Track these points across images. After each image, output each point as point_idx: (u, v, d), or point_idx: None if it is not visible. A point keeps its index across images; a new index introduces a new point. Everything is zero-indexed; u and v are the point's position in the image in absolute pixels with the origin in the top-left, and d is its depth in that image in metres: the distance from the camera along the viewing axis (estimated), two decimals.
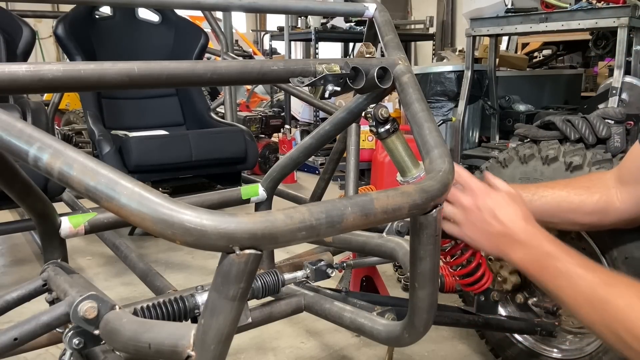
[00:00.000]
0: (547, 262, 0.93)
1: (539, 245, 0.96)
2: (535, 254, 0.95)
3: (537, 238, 0.97)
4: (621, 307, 0.83)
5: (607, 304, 0.84)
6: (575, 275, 0.89)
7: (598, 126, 1.53)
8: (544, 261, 0.94)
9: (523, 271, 0.99)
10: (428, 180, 0.81)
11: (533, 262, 0.95)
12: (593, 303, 0.86)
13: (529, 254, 0.96)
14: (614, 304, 0.84)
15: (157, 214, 0.59)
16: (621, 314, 0.82)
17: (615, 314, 0.83)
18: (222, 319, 0.66)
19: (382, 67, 1.06)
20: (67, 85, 0.80)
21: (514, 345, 1.77)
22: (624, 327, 0.81)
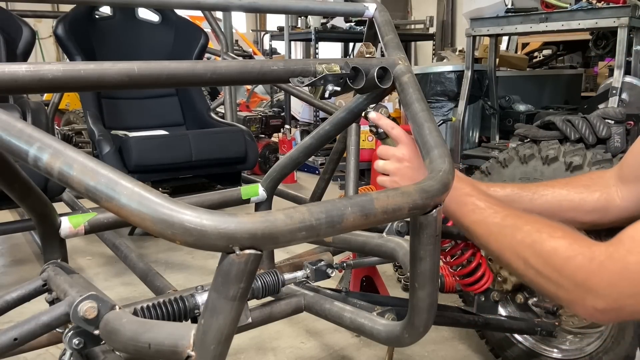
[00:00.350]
0: (466, 200, 1.00)
1: (461, 187, 1.02)
2: (456, 194, 1.01)
3: (460, 181, 1.03)
4: (529, 232, 0.88)
5: (517, 230, 0.90)
6: (490, 210, 0.95)
7: (598, 126, 1.53)
8: (463, 199, 1.00)
9: (444, 210, 1.03)
10: (428, 180, 0.81)
11: (453, 201, 1.01)
12: (504, 231, 0.91)
13: (451, 194, 1.00)
14: (523, 229, 0.89)
15: (157, 214, 0.59)
16: (529, 238, 0.87)
17: (523, 238, 0.88)
18: (222, 319, 0.66)
19: (382, 67, 1.06)
20: (67, 85, 0.80)
21: (514, 345, 1.77)
22: (532, 249, 0.86)
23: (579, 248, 0.82)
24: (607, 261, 0.78)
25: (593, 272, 0.78)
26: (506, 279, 1.61)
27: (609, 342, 1.53)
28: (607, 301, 0.78)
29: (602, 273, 0.78)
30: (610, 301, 0.78)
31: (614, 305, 0.79)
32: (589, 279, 0.79)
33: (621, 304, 0.78)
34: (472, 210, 0.99)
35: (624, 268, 0.76)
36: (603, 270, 0.78)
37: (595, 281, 0.78)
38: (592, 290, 0.78)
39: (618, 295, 0.77)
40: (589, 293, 0.79)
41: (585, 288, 0.79)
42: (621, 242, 0.79)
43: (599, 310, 0.80)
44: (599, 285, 0.78)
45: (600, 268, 0.78)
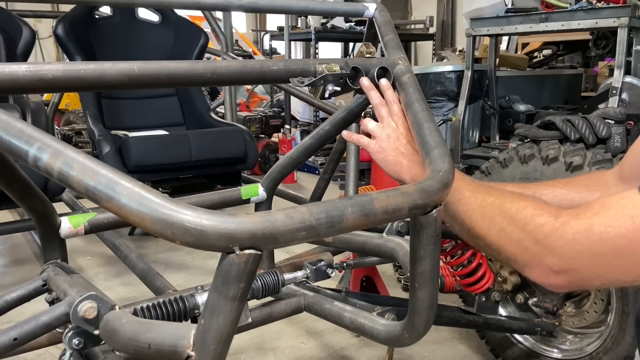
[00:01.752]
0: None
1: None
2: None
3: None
4: (500, 196, 0.90)
5: (488, 195, 0.92)
6: (472, 190, 0.95)
7: (598, 126, 1.53)
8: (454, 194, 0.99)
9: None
10: (428, 180, 0.81)
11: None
12: (484, 207, 0.91)
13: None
14: (494, 194, 0.91)
15: (157, 214, 0.59)
16: (498, 200, 0.89)
17: (493, 200, 0.90)
18: (222, 319, 0.66)
19: (382, 67, 1.06)
20: (67, 85, 0.80)
21: (514, 345, 1.77)
22: (499, 209, 0.87)
23: (547, 208, 0.82)
24: (572, 220, 0.77)
25: (556, 229, 0.78)
26: (506, 279, 1.61)
27: (609, 342, 1.53)
28: (564, 260, 0.77)
29: (565, 231, 0.77)
30: (567, 260, 0.77)
31: (570, 265, 0.78)
32: (550, 235, 0.78)
33: (577, 265, 0.77)
34: (453, 191, 0.97)
35: (587, 228, 0.76)
36: (566, 228, 0.77)
37: (555, 238, 0.78)
38: (552, 248, 0.78)
39: (576, 254, 0.76)
40: (548, 251, 0.78)
41: (545, 245, 0.79)
42: (590, 206, 0.78)
43: (554, 271, 0.79)
44: (559, 242, 0.77)
45: (563, 226, 0.78)
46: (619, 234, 0.73)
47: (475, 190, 0.97)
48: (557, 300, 1.63)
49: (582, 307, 1.65)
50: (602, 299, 1.60)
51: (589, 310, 1.63)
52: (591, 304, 1.62)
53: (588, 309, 1.63)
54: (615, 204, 0.76)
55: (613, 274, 0.77)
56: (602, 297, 1.59)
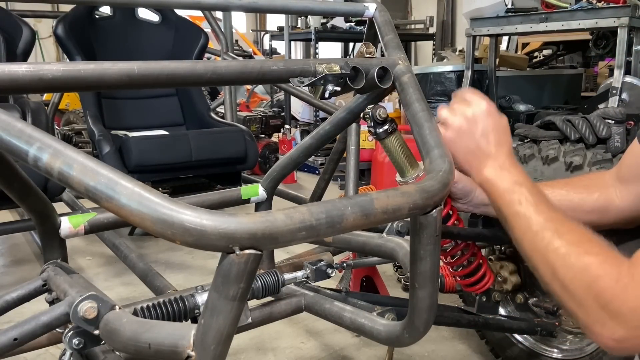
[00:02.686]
0: (516, 188, 0.94)
1: (516, 173, 0.97)
2: (508, 178, 0.96)
3: (517, 167, 0.99)
4: (568, 242, 0.83)
5: (555, 236, 0.85)
6: (537, 207, 0.89)
7: (598, 126, 1.53)
8: (513, 186, 0.95)
9: (485, 187, 1.00)
10: (428, 180, 0.81)
11: (503, 183, 0.96)
12: (542, 233, 0.86)
13: (502, 176, 0.97)
14: (563, 237, 0.84)
15: (157, 214, 0.59)
16: (564, 248, 0.83)
17: (558, 247, 0.83)
18: (222, 319, 0.66)
19: (382, 67, 1.06)
20: (67, 85, 0.80)
21: (514, 345, 1.77)
22: (563, 261, 0.82)
23: (609, 267, 0.77)
24: (630, 284, 0.74)
25: (617, 295, 0.74)
26: (506, 279, 1.61)
27: None
28: (627, 328, 0.74)
29: (626, 296, 0.74)
30: (630, 329, 0.74)
31: (631, 334, 0.74)
32: (612, 301, 0.75)
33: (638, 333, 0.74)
34: (517, 201, 0.92)
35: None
36: (627, 294, 0.74)
37: (618, 305, 0.74)
38: (613, 315, 0.75)
39: (637, 323, 0.73)
40: (611, 318, 0.75)
41: (608, 311, 0.75)
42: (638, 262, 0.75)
43: (616, 339, 0.76)
44: (622, 309, 0.74)
45: (624, 291, 0.74)
46: None
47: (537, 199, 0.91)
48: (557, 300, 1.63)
49: None
50: None
51: None
52: None
53: None
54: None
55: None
56: None
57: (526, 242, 0.89)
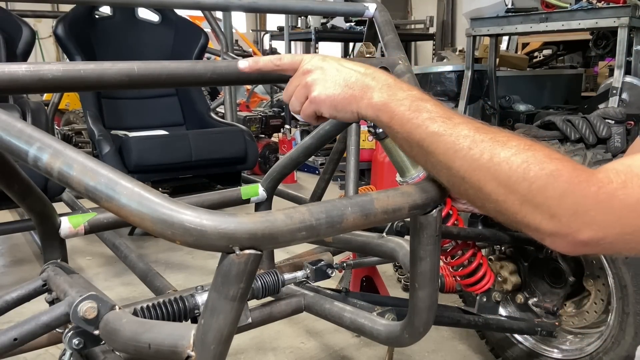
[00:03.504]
0: (421, 105, 0.76)
1: (408, 89, 0.79)
2: (405, 96, 0.77)
3: (401, 82, 0.81)
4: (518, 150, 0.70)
5: (498, 146, 0.71)
6: (455, 120, 0.74)
7: (598, 126, 1.53)
8: (416, 103, 0.76)
9: (384, 116, 0.78)
10: (428, 180, 0.81)
11: (402, 104, 0.76)
12: (478, 145, 0.71)
13: (396, 96, 0.77)
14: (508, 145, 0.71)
15: (157, 214, 0.59)
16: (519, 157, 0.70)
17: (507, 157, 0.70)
18: (222, 319, 0.66)
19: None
20: (67, 85, 0.80)
21: (514, 345, 1.77)
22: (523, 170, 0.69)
23: (583, 174, 0.68)
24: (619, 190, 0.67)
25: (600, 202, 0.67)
26: (506, 279, 1.61)
27: (609, 342, 1.53)
28: (602, 232, 0.68)
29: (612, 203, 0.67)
30: (606, 231, 0.68)
31: (606, 237, 0.69)
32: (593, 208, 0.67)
33: (613, 236, 0.69)
34: (429, 119, 0.74)
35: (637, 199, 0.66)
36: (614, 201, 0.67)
37: (600, 210, 0.67)
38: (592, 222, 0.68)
39: (620, 227, 0.68)
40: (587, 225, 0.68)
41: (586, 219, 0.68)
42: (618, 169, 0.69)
43: (584, 242, 0.69)
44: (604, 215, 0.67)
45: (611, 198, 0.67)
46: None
47: (449, 112, 0.75)
48: (557, 301, 1.64)
49: (582, 307, 1.65)
50: (602, 299, 1.60)
51: (589, 310, 1.63)
52: (591, 304, 1.63)
53: (588, 309, 1.63)
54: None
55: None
56: (602, 297, 1.59)
57: (458, 161, 0.72)
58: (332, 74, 0.81)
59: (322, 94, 0.81)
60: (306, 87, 0.83)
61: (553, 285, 1.67)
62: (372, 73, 0.81)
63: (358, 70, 0.81)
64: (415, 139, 0.75)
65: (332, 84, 0.80)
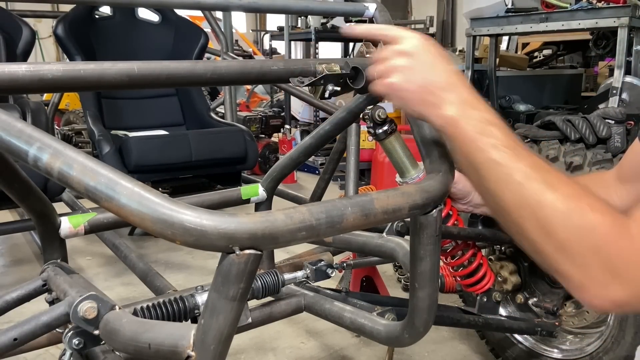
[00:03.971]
0: (488, 130, 0.76)
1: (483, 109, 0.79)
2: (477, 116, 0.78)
3: (482, 102, 0.81)
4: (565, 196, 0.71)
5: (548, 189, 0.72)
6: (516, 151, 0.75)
7: (598, 126, 1.53)
8: (484, 127, 0.77)
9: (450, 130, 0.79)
10: (428, 180, 0.81)
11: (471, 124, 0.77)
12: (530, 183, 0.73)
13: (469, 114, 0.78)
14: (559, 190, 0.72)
15: (157, 214, 0.59)
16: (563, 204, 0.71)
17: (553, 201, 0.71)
18: (222, 319, 0.66)
19: None
20: (67, 85, 0.80)
21: (514, 345, 1.77)
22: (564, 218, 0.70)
23: (618, 228, 0.69)
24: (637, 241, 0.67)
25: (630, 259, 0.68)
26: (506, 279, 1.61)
27: (609, 342, 1.53)
28: (631, 290, 0.68)
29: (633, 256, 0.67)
30: (634, 291, 0.68)
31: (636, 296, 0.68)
32: (624, 265, 0.68)
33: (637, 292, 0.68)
34: (492, 145, 0.74)
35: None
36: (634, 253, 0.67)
37: (629, 268, 0.68)
38: (621, 278, 0.68)
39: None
40: (616, 280, 0.68)
41: (615, 274, 0.68)
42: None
43: (616, 302, 0.70)
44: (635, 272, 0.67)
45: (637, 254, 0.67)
46: None
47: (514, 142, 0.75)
48: (557, 301, 1.64)
49: (583, 307, 1.65)
50: None
51: (589, 310, 1.63)
52: None
53: (588, 309, 1.63)
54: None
55: None
56: None
57: (508, 194, 0.74)
58: (420, 70, 0.80)
59: (402, 85, 0.81)
60: (392, 68, 0.83)
61: (553, 285, 1.67)
62: (454, 84, 0.80)
63: (444, 79, 0.80)
64: (473, 161, 0.77)
65: (414, 80, 0.80)
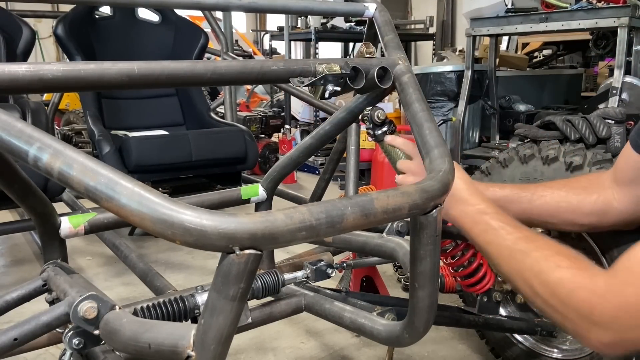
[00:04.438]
0: (480, 218, 1.00)
1: (475, 203, 1.03)
2: (471, 211, 1.02)
3: (475, 197, 1.04)
4: (537, 259, 0.88)
5: (526, 256, 0.90)
6: (503, 231, 0.95)
7: (598, 126, 1.53)
8: (477, 217, 1.01)
9: (457, 225, 1.07)
10: (428, 180, 0.81)
11: (467, 217, 1.03)
12: (514, 255, 0.92)
13: (465, 210, 1.03)
14: (532, 255, 0.89)
15: (157, 214, 0.59)
16: (537, 266, 0.88)
17: (531, 265, 0.88)
18: (222, 319, 0.66)
19: (382, 67, 1.06)
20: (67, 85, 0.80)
21: (514, 345, 1.77)
22: (538, 279, 0.86)
23: (582, 280, 0.81)
24: (607, 294, 0.78)
25: (595, 306, 0.78)
26: None
27: None
28: (611, 334, 0.78)
29: (604, 306, 0.78)
30: (614, 334, 0.78)
31: (618, 337, 0.78)
32: (592, 312, 0.78)
33: (624, 337, 0.78)
34: (484, 231, 0.99)
35: (623, 301, 0.76)
36: (605, 304, 0.78)
37: (598, 314, 0.78)
38: (596, 323, 0.78)
39: (620, 328, 0.77)
40: (594, 326, 0.79)
41: (590, 321, 0.79)
42: (617, 273, 0.79)
43: (606, 344, 0.79)
44: (602, 318, 0.78)
45: (602, 301, 0.78)
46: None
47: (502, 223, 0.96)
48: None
49: None
50: None
51: None
52: None
53: None
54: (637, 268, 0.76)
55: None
56: None
57: (503, 266, 0.94)
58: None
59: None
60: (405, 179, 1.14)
61: None
62: (453, 193, 1.02)
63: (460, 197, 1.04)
64: (477, 244, 1.02)
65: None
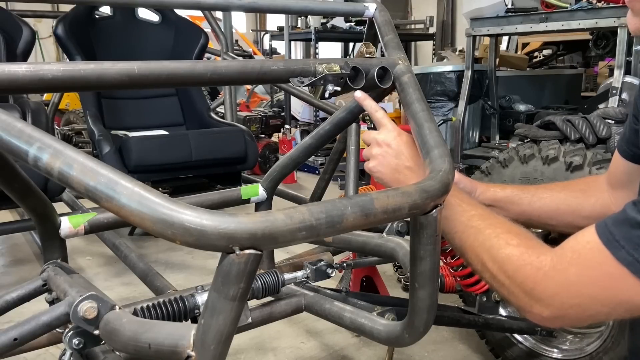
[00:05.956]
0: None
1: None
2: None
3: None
4: (489, 236, 0.91)
5: (478, 232, 0.93)
6: (460, 208, 0.97)
7: (598, 126, 1.53)
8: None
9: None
10: (428, 180, 0.81)
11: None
12: (467, 230, 0.94)
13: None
14: (484, 232, 0.92)
15: (157, 214, 0.59)
16: (488, 242, 0.91)
17: (483, 241, 0.91)
18: (222, 319, 0.66)
19: (382, 67, 1.06)
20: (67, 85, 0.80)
21: (514, 345, 1.77)
22: (489, 254, 0.89)
23: (529, 257, 0.85)
24: (551, 272, 0.81)
25: (539, 282, 0.82)
26: None
27: (609, 342, 1.53)
28: (551, 309, 0.82)
29: (547, 283, 0.81)
30: (554, 310, 0.82)
31: (558, 314, 0.82)
32: (535, 288, 0.82)
33: (564, 313, 0.82)
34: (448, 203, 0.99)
35: (565, 280, 0.79)
36: (547, 281, 0.81)
37: (540, 290, 0.82)
38: (539, 299, 0.82)
39: (561, 305, 0.81)
40: (536, 301, 0.83)
41: (533, 296, 0.83)
42: (564, 253, 0.82)
43: (545, 318, 0.84)
44: (544, 294, 0.82)
45: (545, 278, 0.81)
46: (592, 283, 0.78)
47: (458, 200, 0.98)
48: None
49: None
50: None
51: None
52: None
53: None
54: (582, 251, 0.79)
55: (598, 313, 0.82)
56: None
57: (456, 240, 0.96)
58: (391, 156, 1.05)
59: (377, 168, 1.06)
60: (369, 155, 1.08)
61: None
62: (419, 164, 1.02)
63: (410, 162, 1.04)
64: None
65: (386, 164, 1.05)
